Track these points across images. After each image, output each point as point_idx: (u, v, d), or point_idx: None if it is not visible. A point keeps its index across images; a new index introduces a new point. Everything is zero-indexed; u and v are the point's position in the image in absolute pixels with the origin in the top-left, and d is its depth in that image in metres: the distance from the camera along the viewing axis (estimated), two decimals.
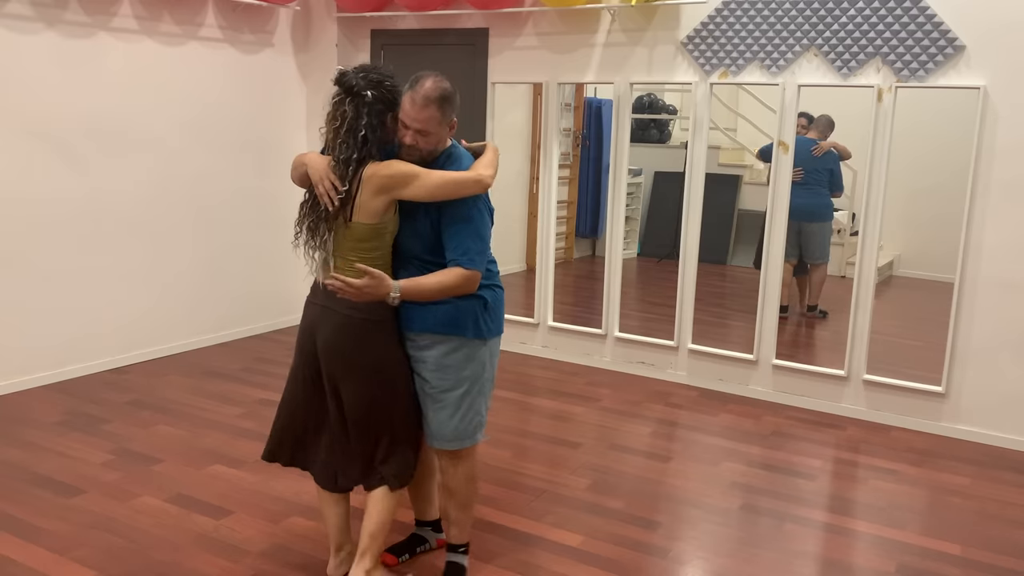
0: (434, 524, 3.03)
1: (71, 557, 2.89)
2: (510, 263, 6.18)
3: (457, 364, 2.62)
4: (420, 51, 5.52)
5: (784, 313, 4.85)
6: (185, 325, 5.28)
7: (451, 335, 2.60)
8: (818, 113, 4.94)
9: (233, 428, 4.08)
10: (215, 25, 5.20)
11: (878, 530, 3.27)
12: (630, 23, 4.86)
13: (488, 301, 2.65)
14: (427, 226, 2.55)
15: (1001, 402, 4.16)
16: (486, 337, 2.66)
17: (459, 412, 2.64)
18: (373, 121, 2.45)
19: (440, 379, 2.62)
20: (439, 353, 2.61)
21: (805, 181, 4.76)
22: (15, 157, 4.31)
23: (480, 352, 2.66)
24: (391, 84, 2.51)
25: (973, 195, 4.12)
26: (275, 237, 5.79)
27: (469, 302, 2.60)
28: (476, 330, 2.62)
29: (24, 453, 3.71)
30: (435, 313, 2.58)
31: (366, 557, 2.61)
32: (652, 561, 3.00)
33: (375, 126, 2.46)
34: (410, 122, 2.50)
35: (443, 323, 2.59)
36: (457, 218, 2.52)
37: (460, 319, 2.60)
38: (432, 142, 2.54)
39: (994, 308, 4.13)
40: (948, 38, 4.06)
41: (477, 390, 2.67)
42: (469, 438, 2.68)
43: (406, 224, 2.57)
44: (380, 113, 2.48)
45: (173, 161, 5.06)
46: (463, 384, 2.64)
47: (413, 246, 2.58)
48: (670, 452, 3.98)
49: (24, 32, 4.29)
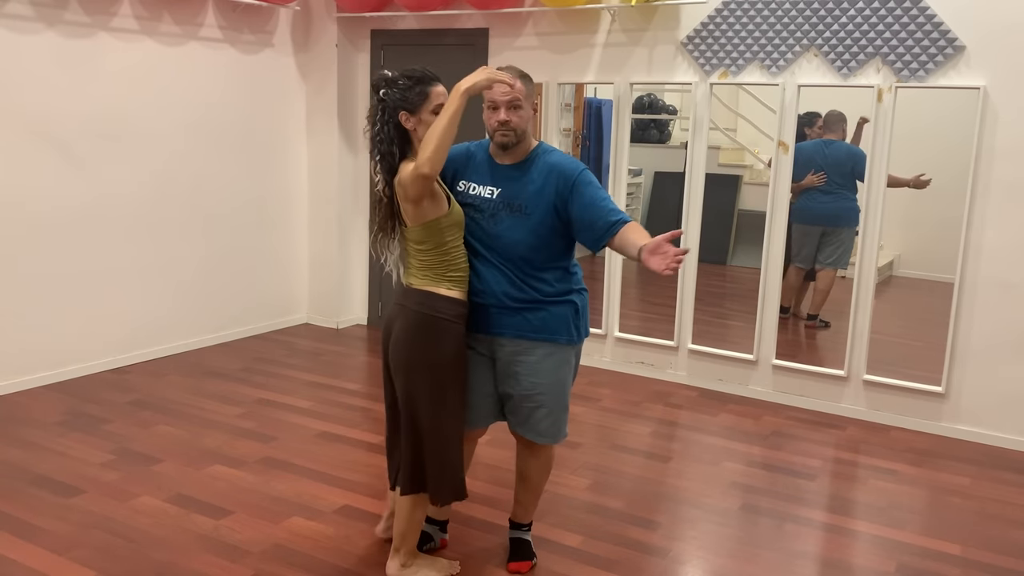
0: (442, 524, 3.05)
1: (70, 557, 2.89)
2: None
3: (551, 368, 2.71)
4: (420, 51, 5.52)
5: (785, 314, 4.84)
6: (185, 325, 5.28)
7: (546, 341, 2.69)
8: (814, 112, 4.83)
9: (233, 428, 4.08)
10: (215, 25, 5.20)
11: (878, 530, 3.27)
12: (630, 23, 4.86)
13: (579, 306, 2.75)
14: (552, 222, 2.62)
15: (1001, 402, 4.16)
16: (576, 342, 2.76)
17: (552, 414, 2.75)
18: (386, 118, 2.53)
19: (533, 383, 2.70)
20: (534, 359, 2.69)
21: (828, 186, 4.68)
22: (15, 157, 4.31)
23: (569, 356, 2.77)
24: (404, 83, 2.54)
25: (973, 195, 4.12)
26: (275, 237, 5.79)
27: (562, 308, 2.70)
28: (568, 335, 2.71)
29: (24, 453, 3.71)
30: (530, 320, 2.67)
31: (399, 553, 2.76)
32: (652, 561, 3.00)
33: (387, 122, 2.53)
34: (499, 97, 2.56)
35: (537, 329, 2.68)
36: (588, 199, 2.60)
37: (554, 325, 2.68)
38: (524, 118, 2.61)
39: (994, 308, 4.13)
40: (948, 38, 4.06)
41: (567, 393, 2.79)
42: (560, 435, 2.81)
43: (520, 222, 2.62)
44: (391, 111, 2.54)
45: (173, 161, 5.06)
46: (556, 387, 2.73)
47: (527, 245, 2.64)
48: (670, 452, 3.98)
49: (24, 32, 4.29)
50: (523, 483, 2.92)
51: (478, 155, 2.75)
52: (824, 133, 4.78)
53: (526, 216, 2.62)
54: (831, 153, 4.74)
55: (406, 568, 2.75)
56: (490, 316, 2.67)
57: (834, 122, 4.74)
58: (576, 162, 2.69)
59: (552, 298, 2.68)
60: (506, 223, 2.63)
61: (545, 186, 2.62)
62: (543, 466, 2.90)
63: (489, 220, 2.65)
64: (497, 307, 2.65)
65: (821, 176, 4.56)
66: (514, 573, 2.88)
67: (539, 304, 2.66)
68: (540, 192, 2.62)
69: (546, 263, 2.67)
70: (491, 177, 2.69)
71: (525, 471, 2.91)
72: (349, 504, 3.34)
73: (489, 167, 2.71)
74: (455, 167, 2.75)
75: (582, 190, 2.61)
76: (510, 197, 2.64)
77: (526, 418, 2.75)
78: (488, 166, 2.71)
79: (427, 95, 2.52)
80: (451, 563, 2.88)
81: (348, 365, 5.19)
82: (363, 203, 5.96)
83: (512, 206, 2.63)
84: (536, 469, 2.90)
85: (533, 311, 2.66)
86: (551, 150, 2.72)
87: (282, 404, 4.43)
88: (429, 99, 2.52)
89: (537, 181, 2.63)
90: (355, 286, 6.10)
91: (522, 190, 2.64)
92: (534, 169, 2.65)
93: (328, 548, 3.00)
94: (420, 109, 2.52)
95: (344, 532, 3.12)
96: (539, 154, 2.68)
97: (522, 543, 2.96)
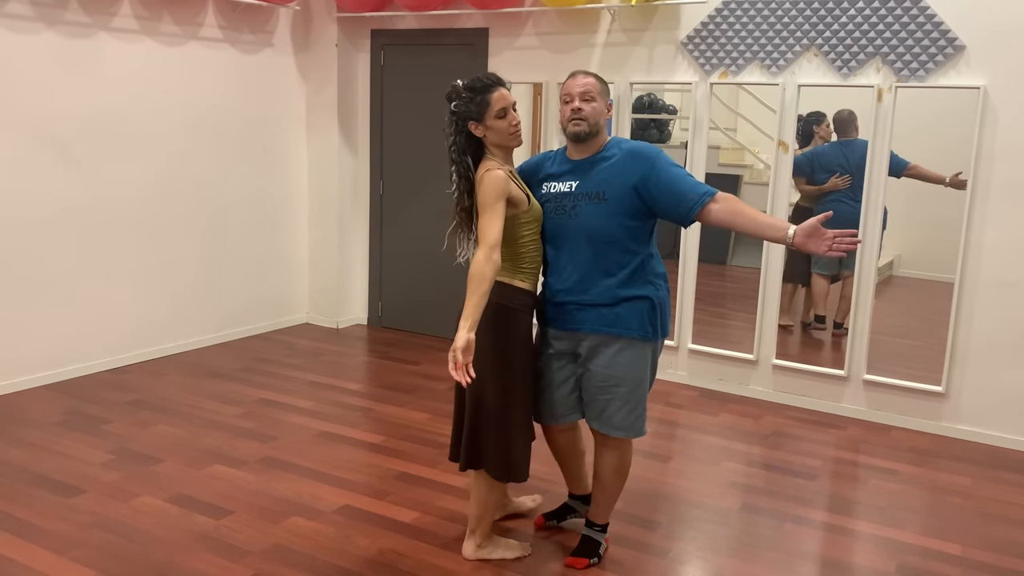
0: (584, 498, 3.15)
1: (71, 557, 2.89)
2: None
3: (625, 363, 2.75)
4: (420, 51, 5.52)
5: (822, 324, 4.83)
6: (185, 325, 5.28)
7: (619, 336, 2.73)
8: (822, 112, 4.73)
9: (233, 428, 4.08)
10: (215, 25, 5.20)
11: (878, 530, 3.27)
12: (630, 23, 4.86)
13: (654, 301, 2.76)
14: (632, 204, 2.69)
15: (1001, 402, 4.16)
16: (652, 339, 2.78)
17: (627, 405, 2.78)
18: (457, 128, 2.69)
19: (607, 377, 2.76)
20: (608, 354, 2.75)
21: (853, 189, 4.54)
22: (15, 157, 4.31)
23: (646, 352, 2.79)
24: (467, 95, 2.68)
25: (973, 195, 4.12)
26: (275, 237, 5.79)
27: (635, 304, 2.73)
28: (642, 331, 2.74)
29: (24, 453, 3.71)
30: (605, 315, 2.72)
31: (475, 534, 2.92)
32: (652, 561, 3.00)
33: (458, 132, 2.69)
34: (573, 89, 2.71)
35: (610, 323, 2.73)
36: (672, 175, 2.68)
37: (627, 320, 2.72)
38: (597, 111, 2.71)
39: (994, 308, 4.13)
40: (948, 38, 4.06)
41: (644, 389, 2.82)
42: (635, 430, 2.83)
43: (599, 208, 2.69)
44: (460, 121, 2.69)
45: (173, 161, 5.06)
46: (629, 383, 2.77)
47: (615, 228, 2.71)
48: (670, 452, 3.98)
49: (24, 32, 4.29)
50: (597, 482, 2.96)
51: (556, 158, 2.88)
52: (836, 135, 4.66)
53: (604, 202, 2.70)
54: (851, 154, 4.58)
55: (481, 549, 2.92)
56: (569, 312, 2.78)
57: (845, 122, 4.61)
58: (652, 146, 2.78)
59: (628, 294, 2.73)
60: (586, 212, 2.72)
61: (625, 168, 2.71)
62: (614, 465, 2.90)
63: (570, 213, 2.75)
64: (576, 304, 2.75)
65: (846, 179, 4.50)
66: (568, 567, 2.93)
67: (615, 300, 2.72)
68: (619, 175, 2.71)
69: (625, 254, 2.72)
70: (568, 173, 2.79)
71: (598, 469, 2.94)
72: (349, 504, 3.34)
73: (566, 164, 2.82)
74: (532, 179, 2.87)
75: (663, 167, 2.69)
76: (588, 187, 2.74)
77: (601, 411, 2.81)
78: (565, 164, 2.82)
79: (488, 103, 2.68)
80: (523, 545, 2.99)
81: (348, 365, 5.19)
82: (363, 203, 5.96)
83: (591, 195, 2.72)
84: (608, 467, 2.90)
85: (609, 307, 2.72)
86: (625, 140, 2.81)
87: (282, 404, 4.43)
88: (491, 106, 2.68)
89: (617, 166, 2.72)
90: (355, 286, 6.10)
91: (599, 177, 2.73)
92: (610, 156, 2.75)
93: (328, 548, 3.00)
94: (485, 116, 2.68)
95: (344, 532, 3.12)
96: (613, 145, 2.78)
97: (587, 540, 2.99)
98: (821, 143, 4.74)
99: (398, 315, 5.99)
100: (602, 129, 2.77)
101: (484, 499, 2.89)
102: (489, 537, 2.95)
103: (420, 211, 5.75)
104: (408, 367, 5.15)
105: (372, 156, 5.88)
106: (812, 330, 4.92)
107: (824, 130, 4.70)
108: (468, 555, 2.93)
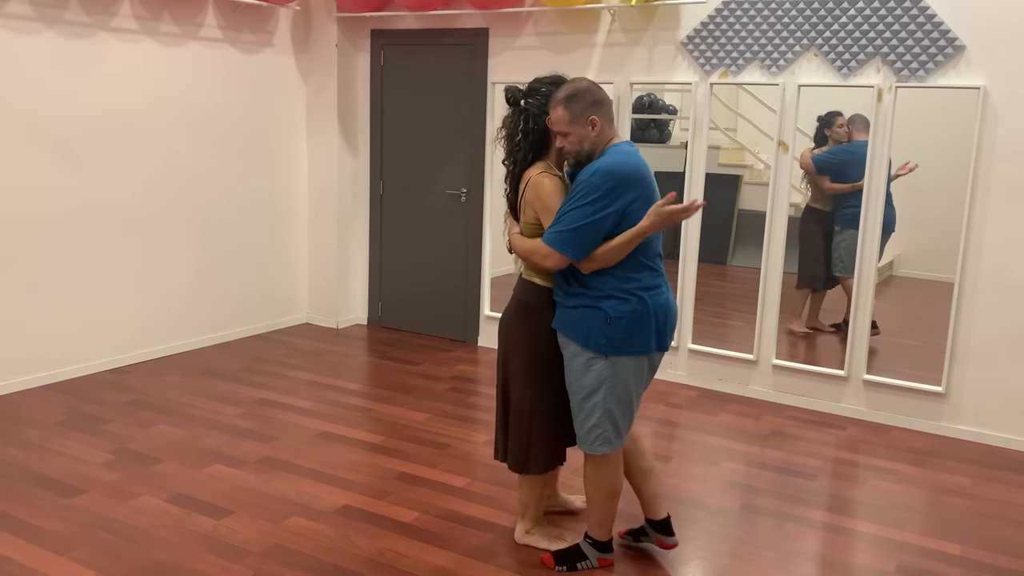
0: (654, 523, 2.99)
1: (71, 557, 2.89)
2: (507, 264, 6.18)
3: (578, 369, 2.72)
4: (420, 51, 5.52)
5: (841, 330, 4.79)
6: (185, 325, 5.28)
7: (571, 340, 2.72)
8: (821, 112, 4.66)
9: (233, 428, 4.08)
10: (215, 25, 5.20)
11: (878, 530, 3.27)
12: (630, 23, 4.86)
13: (609, 315, 2.64)
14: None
15: (1001, 402, 4.16)
16: (605, 352, 2.65)
17: (581, 415, 2.74)
18: (529, 126, 2.73)
19: (567, 379, 2.76)
20: (568, 355, 2.75)
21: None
22: (15, 157, 4.31)
23: (599, 365, 2.67)
24: (546, 90, 2.73)
25: (973, 195, 4.12)
26: (275, 237, 5.79)
27: (590, 312, 2.66)
28: (595, 343, 2.66)
29: (24, 453, 3.71)
30: (568, 316, 2.72)
31: (524, 520, 3.04)
32: (652, 561, 3.00)
33: (529, 131, 2.73)
34: (552, 128, 2.69)
35: (567, 326, 2.72)
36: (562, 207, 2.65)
37: (578, 326, 2.69)
38: (573, 142, 2.67)
39: (994, 308, 4.13)
40: (948, 38, 4.06)
41: (597, 403, 2.69)
42: (587, 444, 2.76)
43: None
44: (534, 118, 2.72)
45: (173, 160, 5.07)
46: (582, 391, 2.72)
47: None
48: (670, 452, 3.98)
49: (24, 32, 4.29)
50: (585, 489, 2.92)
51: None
52: (855, 134, 4.53)
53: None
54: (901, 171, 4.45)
55: (529, 535, 3.03)
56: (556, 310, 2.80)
57: (863, 123, 4.44)
58: (593, 167, 2.62)
59: (583, 302, 2.67)
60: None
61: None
62: (589, 476, 2.82)
63: None
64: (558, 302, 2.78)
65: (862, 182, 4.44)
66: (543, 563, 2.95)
67: (575, 304, 2.70)
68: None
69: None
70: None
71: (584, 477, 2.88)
72: (349, 504, 3.34)
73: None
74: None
75: (569, 196, 2.66)
76: None
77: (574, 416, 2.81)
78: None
79: None
80: (561, 532, 3.06)
81: (348, 365, 5.19)
82: (363, 203, 5.96)
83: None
84: (586, 478, 2.84)
85: (568, 308, 2.72)
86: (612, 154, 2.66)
87: (282, 404, 4.44)
88: None
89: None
90: (355, 286, 6.10)
91: None
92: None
93: (328, 548, 3.00)
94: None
95: (344, 532, 3.12)
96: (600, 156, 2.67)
97: (573, 549, 2.93)
98: (834, 144, 4.69)
99: (398, 315, 5.99)
100: (597, 146, 2.67)
101: (526, 489, 2.98)
102: (537, 522, 3.04)
103: (420, 211, 5.75)
104: (408, 367, 5.15)
105: (372, 156, 5.88)
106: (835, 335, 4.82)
107: (837, 132, 4.66)
108: (517, 538, 3.05)
